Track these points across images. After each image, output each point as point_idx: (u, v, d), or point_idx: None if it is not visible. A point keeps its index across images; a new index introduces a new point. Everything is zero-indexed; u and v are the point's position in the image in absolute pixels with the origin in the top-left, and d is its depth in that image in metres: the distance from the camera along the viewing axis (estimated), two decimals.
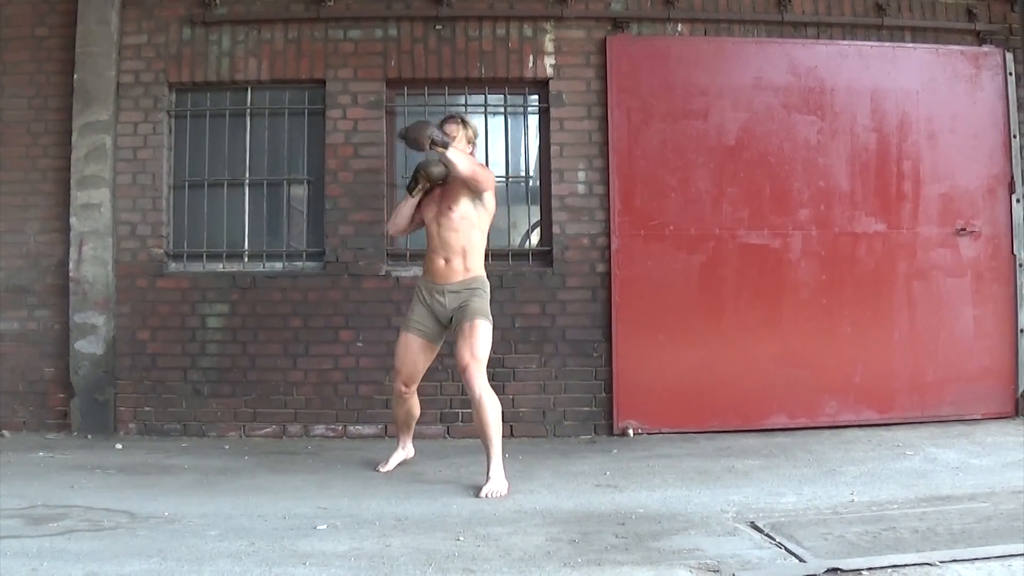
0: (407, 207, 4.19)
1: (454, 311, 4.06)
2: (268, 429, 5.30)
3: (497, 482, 3.81)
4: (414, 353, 4.12)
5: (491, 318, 4.09)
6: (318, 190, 5.49)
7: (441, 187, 4.13)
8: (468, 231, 4.08)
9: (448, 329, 4.16)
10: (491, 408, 3.89)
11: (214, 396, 5.32)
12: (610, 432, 5.30)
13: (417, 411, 4.36)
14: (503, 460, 3.93)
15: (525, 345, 5.36)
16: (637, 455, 4.69)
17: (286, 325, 5.35)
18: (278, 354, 5.33)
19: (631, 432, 5.26)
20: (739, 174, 5.44)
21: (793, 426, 5.30)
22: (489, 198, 4.13)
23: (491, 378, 5.14)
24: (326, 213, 5.41)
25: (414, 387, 4.22)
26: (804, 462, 4.41)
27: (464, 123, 4.15)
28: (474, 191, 4.06)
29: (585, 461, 4.54)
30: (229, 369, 5.33)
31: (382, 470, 4.28)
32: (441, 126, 4.09)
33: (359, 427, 5.25)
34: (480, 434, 3.95)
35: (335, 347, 5.34)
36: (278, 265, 5.48)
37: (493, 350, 5.19)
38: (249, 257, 5.49)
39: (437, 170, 4.05)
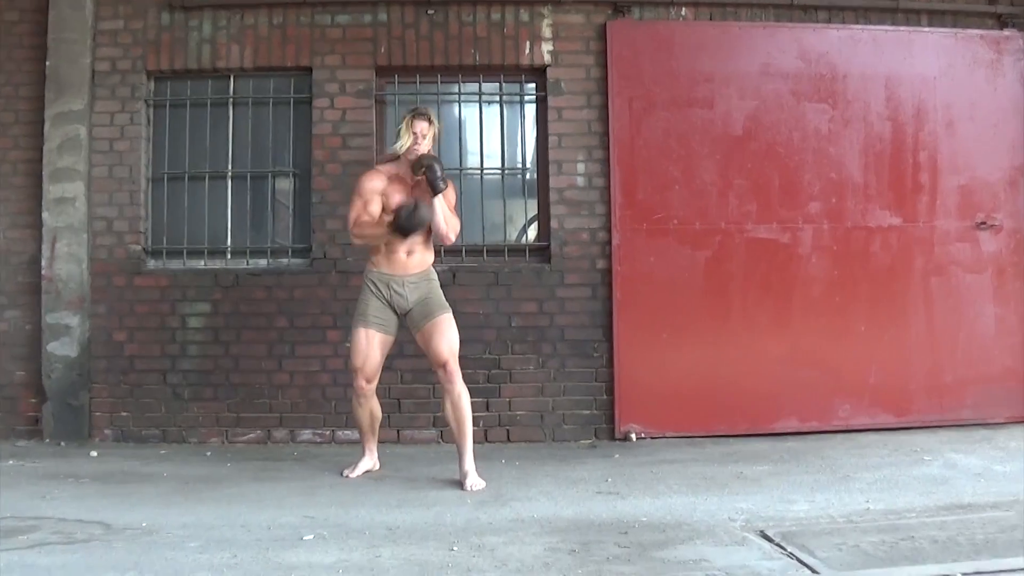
0: (380, 230, 4.19)
1: (415, 303, 4.21)
2: (252, 435, 5.28)
3: (476, 475, 4.10)
4: (375, 348, 4.22)
5: None
6: (304, 183, 5.48)
7: (413, 179, 4.25)
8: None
9: (401, 320, 4.28)
10: (468, 401, 4.19)
11: (195, 400, 5.29)
12: (612, 436, 5.29)
13: (379, 412, 4.42)
14: (500, 465, 3.99)
15: (522, 345, 5.35)
16: (640, 460, 4.68)
17: (271, 325, 5.33)
18: (262, 356, 5.32)
19: (634, 436, 5.25)
20: (746, 165, 5.43)
21: (804, 430, 5.30)
22: (452, 191, 4.37)
23: (486, 380, 5.29)
24: (313, 207, 5.39)
25: (374, 383, 4.30)
26: (816, 468, 4.40)
27: (432, 121, 4.29)
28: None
29: (585, 467, 4.53)
30: (211, 371, 5.31)
31: (347, 475, 4.34)
32: (412, 120, 4.23)
33: (347, 432, 5.20)
34: (460, 431, 4.16)
35: (323, 348, 5.32)
36: (262, 262, 5.46)
37: (488, 351, 5.31)
38: (232, 254, 5.48)
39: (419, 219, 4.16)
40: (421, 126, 4.22)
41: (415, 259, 4.24)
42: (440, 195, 4.17)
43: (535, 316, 5.37)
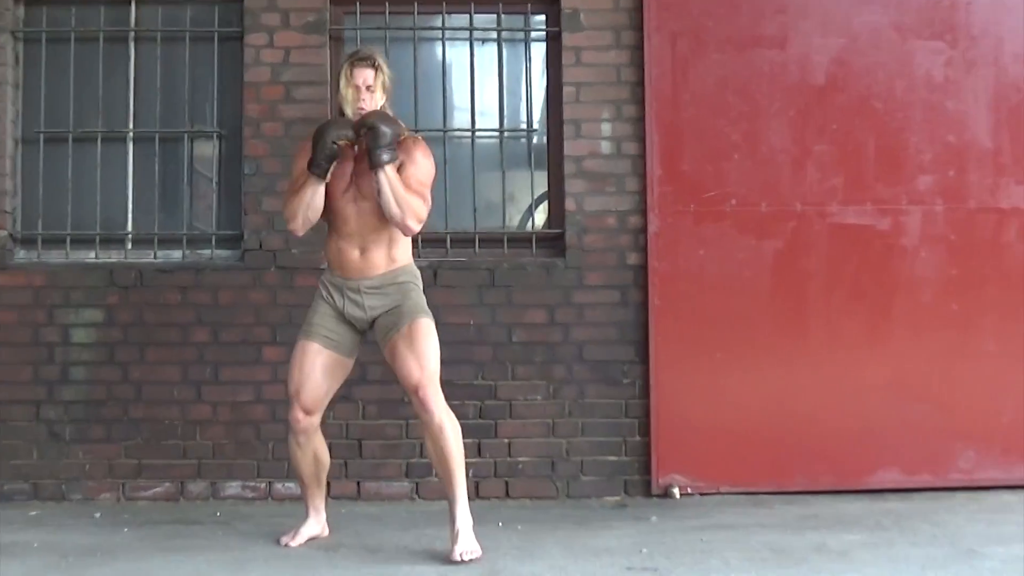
0: (319, 196, 4.13)
1: (379, 315, 4.18)
2: (159, 488, 5.28)
3: (471, 537, 4.02)
4: (318, 369, 4.19)
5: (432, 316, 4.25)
6: (233, 148, 5.52)
7: (353, 148, 4.17)
8: None
9: (362, 338, 4.28)
10: (455, 436, 4.08)
11: (80, 442, 5.28)
12: (647, 492, 5.31)
13: (327, 457, 4.38)
14: (496, 530, 4.02)
15: (526, 368, 5.35)
16: (686, 525, 4.69)
17: (187, 340, 5.34)
18: (175, 381, 5.32)
19: (677, 492, 5.27)
20: (831, 126, 5.45)
21: (911, 486, 5.31)
22: (423, 161, 4.21)
23: (478, 414, 5.28)
24: (245, 181, 5.42)
25: (317, 417, 4.24)
26: (928, 538, 4.37)
27: (379, 67, 4.20)
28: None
29: (612, 533, 4.52)
30: (103, 403, 5.30)
31: (287, 543, 4.31)
32: (351, 68, 4.15)
33: (289, 485, 5.19)
34: (445, 475, 4.10)
35: (257, 370, 5.32)
36: (175, 254, 5.48)
37: (480, 376, 5.32)
38: (134, 243, 5.51)
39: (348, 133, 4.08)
40: (364, 75, 4.15)
41: (373, 258, 4.17)
42: (385, 167, 4.03)
43: (545, 328, 5.37)
